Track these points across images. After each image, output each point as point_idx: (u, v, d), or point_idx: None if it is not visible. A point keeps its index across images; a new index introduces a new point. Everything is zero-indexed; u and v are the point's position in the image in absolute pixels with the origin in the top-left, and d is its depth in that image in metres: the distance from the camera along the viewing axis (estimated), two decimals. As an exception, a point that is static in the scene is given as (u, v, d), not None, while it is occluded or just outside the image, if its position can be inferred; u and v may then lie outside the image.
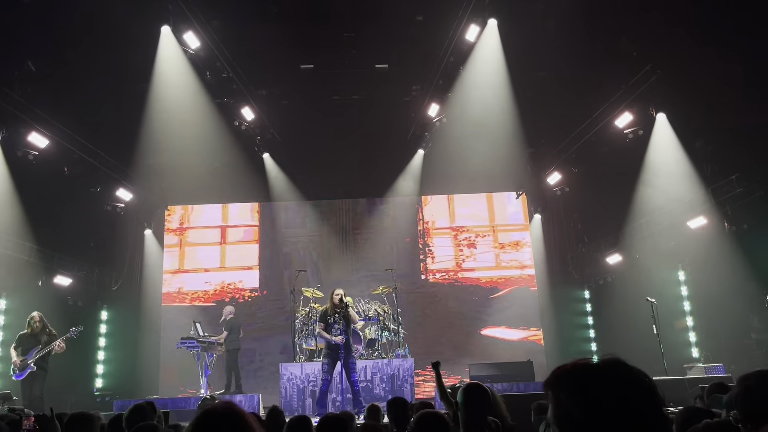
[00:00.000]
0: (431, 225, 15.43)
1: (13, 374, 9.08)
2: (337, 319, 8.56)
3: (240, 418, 1.43)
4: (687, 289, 11.83)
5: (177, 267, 14.98)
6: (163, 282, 14.76)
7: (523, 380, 10.44)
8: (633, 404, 1.24)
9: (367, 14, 11.83)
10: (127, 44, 10.70)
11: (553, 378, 1.31)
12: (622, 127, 11.36)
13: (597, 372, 1.28)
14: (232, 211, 15.42)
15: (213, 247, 15.13)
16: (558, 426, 1.29)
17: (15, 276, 11.03)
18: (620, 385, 1.26)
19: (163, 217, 15.11)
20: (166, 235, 15.12)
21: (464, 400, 3.08)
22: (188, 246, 15.13)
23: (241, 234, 15.29)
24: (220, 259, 15.05)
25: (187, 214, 15.32)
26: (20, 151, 10.47)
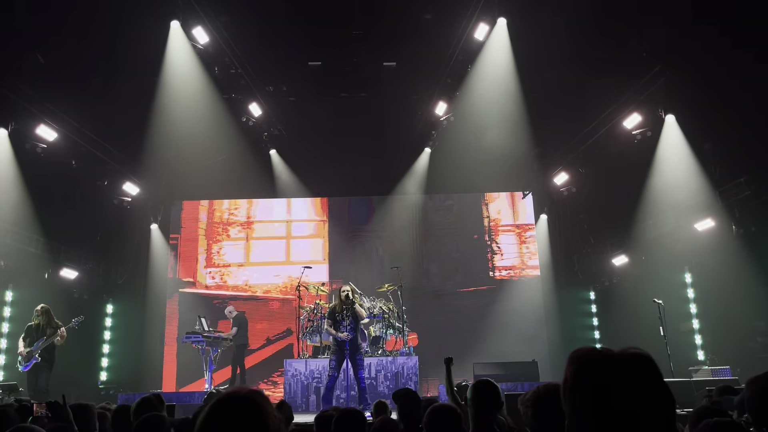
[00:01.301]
0: (497, 222, 15.49)
1: (20, 366, 9.12)
2: (345, 315, 8.57)
3: (260, 407, 1.41)
4: (693, 291, 11.79)
5: (243, 260, 14.99)
6: (229, 275, 14.80)
7: (528, 380, 10.42)
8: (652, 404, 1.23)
9: (376, 12, 11.81)
10: (137, 38, 10.70)
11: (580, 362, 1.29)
12: (631, 128, 11.33)
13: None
14: (297, 205, 15.45)
15: (279, 241, 15.16)
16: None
17: (22, 268, 11.07)
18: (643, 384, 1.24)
19: (170, 212, 15.10)
20: (231, 228, 15.18)
21: (474, 396, 3.08)
22: (254, 240, 15.16)
23: (306, 228, 15.32)
24: (285, 253, 15.04)
25: (251, 207, 15.36)
26: (28, 143, 10.51)
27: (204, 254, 15.06)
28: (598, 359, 1.27)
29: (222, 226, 15.27)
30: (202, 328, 11.01)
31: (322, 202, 15.44)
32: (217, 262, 14.99)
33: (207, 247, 15.14)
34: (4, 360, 10.93)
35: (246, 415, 1.39)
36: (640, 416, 1.20)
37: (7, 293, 11.28)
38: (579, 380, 1.25)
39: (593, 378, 1.24)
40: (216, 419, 1.39)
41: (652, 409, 1.21)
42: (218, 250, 15.10)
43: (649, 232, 12.07)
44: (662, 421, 1.21)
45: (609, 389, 1.22)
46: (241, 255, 15.06)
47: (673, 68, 10.45)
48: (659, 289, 10.86)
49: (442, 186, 15.04)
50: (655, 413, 1.21)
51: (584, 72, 11.72)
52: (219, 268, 14.92)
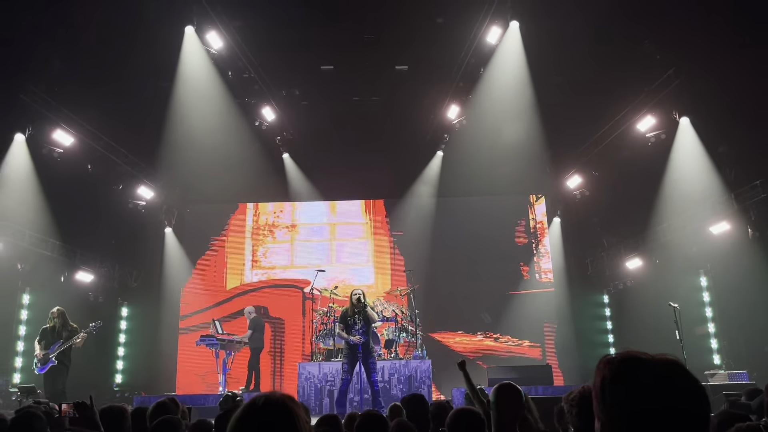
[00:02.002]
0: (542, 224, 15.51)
1: (36, 368, 9.20)
2: (357, 319, 8.57)
3: (292, 412, 1.43)
4: (709, 295, 11.69)
5: (288, 263, 15.08)
6: (275, 277, 14.88)
7: (542, 384, 10.38)
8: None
9: (388, 16, 11.84)
10: (152, 44, 10.81)
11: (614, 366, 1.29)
12: (645, 130, 11.28)
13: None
14: (341, 207, 15.51)
15: (323, 243, 15.25)
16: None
17: (39, 271, 11.20)
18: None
19: (184, 215, 15.18)
20: (278, 230, 15.29)
21: (497, 399, 3.07)
22: (299, 242, 15.26)
23: (351, 230, 15.38)
24: (330, 255, 15.13)
25: (296, 209, 15.47)
26: (45, 148, 10.64)
27: (250, 256, 15.14)
28: (632, 362, 1.27)
29: (267, 229, 15.34)
30: (216, 331, 11.06)
31: (367, 204, 15.47)
32: (263, 265, 15.05)
33: (252, 249, 15.22)
34: (21, 362, 11.05)
35: (279, 420, 1.41)
36: (675, 420, 1.20)
37: (24, 296, 11.42)
38: (613, 383, 1.25)
39: (629, 381, 1.24)
40: (249, 423, 1.41)
41: (687, 414, 1.21)
42: (264, 252, 15.17)
43: (664, 235, 11.99)
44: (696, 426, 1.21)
45: (644, 393, 1.22)
46: (287, 257, 15.13)
47: (687, 70, 10.39)
48: (674, 293, 10.76)
49: (455, 189, 15.02)
50: (690, 418, 1.21)
51: (597, 74, 11.68)
52: (265, 270, 14.96)
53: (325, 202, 15.32)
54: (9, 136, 10.50)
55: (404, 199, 15.33)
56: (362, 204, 15.49)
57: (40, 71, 10.78)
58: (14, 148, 10.55)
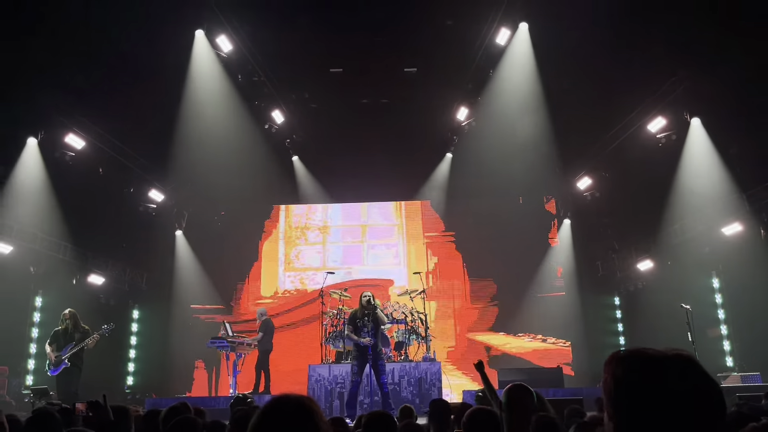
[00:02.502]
0: None
1: (49, 370, 9.27)
2: (366, 321, 8.57)
3: (313, 412, 1.44)
4: (721, 296, 11.60)
5: (320, 264, 15.13)
6: (307, 279, 14.88)
7: (553, 386, 10.33)
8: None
9: (397, 19, 11.86)
10: (163, 48, 10.89)
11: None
12: (655, 131, 11.22)
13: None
14: (372, 209, 15.57)
15: (354, 245, 15.32)
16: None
17: (51, 274, 11.29)
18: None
19: (194, 218, 15.23)
20: (310, 232, 15.36)
21: (508, 400, 3.07)
22: (330, 244, 15.34)
23: (382, 232, 15.43)
24: (361, 257, 15.18)
25: (327, 211, 15.54)
26: (57, 152, 10.74)
27: (282, 258, 15.20)
28: (644, 360, 1.25)
29: (299, 231, 15.41)
30: (227, 333, 11.09)
31: (398, 206, 15.50)
32: (295, 266, 15.09)
33: (285, 251, 15.28)
34: (34, 364, 11.14)
35: (300, 419, 1.42)
36: (690, 419, 1.17)
37: (36, 299, 11.51)
38: (625, 382, 1.23)
39: (642, 379, 1.22)
40: (271, 422, 1.42)
41: (703, 412, 1.19)
42: (296, 254, 15.23)
43: (675, 236, 11.91)
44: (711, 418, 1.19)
45: (654, 386, 1.20)
46: (319, 259, 15.19)
47: (697, 71, 10.33)
48: (686, 295, 10.68)
49: (464, 191, 15.01)
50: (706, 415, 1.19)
51: (607, 75, 11.63)
52: (298, 272, 15.01)
53: (357, 203, 15.37)
54: (22, 140, 10.61)
55: (413, 200, 15.34)
56: (394, 205, 15.50)
57: (52, 76, 10.88)
58: (27, 152, 10.66)
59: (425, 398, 9.90)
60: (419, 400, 9.94)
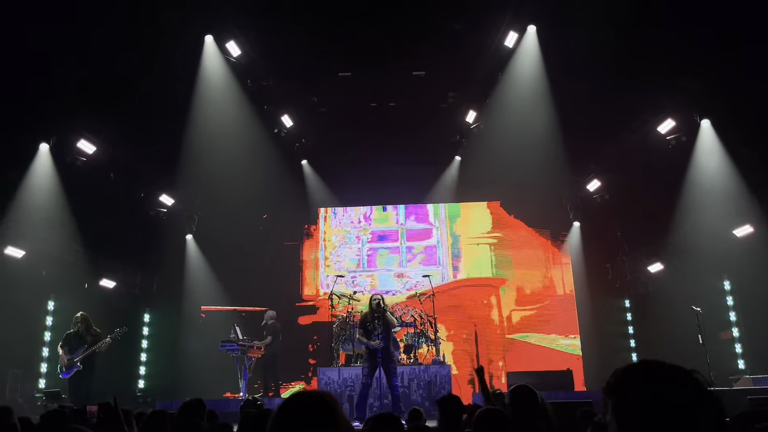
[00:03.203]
0: None
1: (60, 372, 9.35)
2: (377, 324, 8.59)
3: (333, 407, 1.47)
4: (733, 299, 11.52)
5: (360, 267, 15.22)
6: (347, 281, 14.93)
7: (563, 389, 10.29)
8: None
9: (405, 22, 11.88)
10: (173, 53, 10.96)
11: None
12: (665, 133, 11.17)
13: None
14: (411, 211, 15.60)
15: (393, 246, 15.36)
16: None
17: (63, 278, 11.39)
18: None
19: (204, 222, 15.28)
20: (348, 234, 15.42)
21: (512, 401, 3.08)
22: (369, 246, 15.39)
23: (420, 234, 15.45)
24: (401, 258, 15.23)
25: (364, 214, 15.61)
26: (69, 157, 10.85)
27: (323, 261, 15.31)
28: (637, 371, 1.29)
29: (340, 233, 15.47)
30: (237, 336, 11.15)
31: (436, 209, 15.52)
32: (335, 269, 15.16)
33: (325, 254, 15.37)
34: (46, 368, 11.23)
35: (321, 413, 1.45)
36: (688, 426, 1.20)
37: (49, 302, 11.61)
38: (626, 396, 1.27)
39: (638, 392, 1.25)
40: (292, 416, 1.44)
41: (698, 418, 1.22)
42: (336, 257, 15.30)
43: (686, 238, 11.85)
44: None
45: (655, 400, 1.23)
46: (358, 261, 15.25)
47: (708, 72, 10.27)
48: (697, 297, 10.62)
49: (473, 194, 15.01)
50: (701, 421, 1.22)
51: (616, 77, 11.59)
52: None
53: (394, 206, 15.43)
54: (34, 145, 10.72)
55: (421, 204, 15.35)
56: (432, 207, 15.53)
57: (63, 81, 10.99)
58: (39, 157, 10.77)
59: (435, 401, 9.90)
60: (429, 403, 9.94)
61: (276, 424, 1.45)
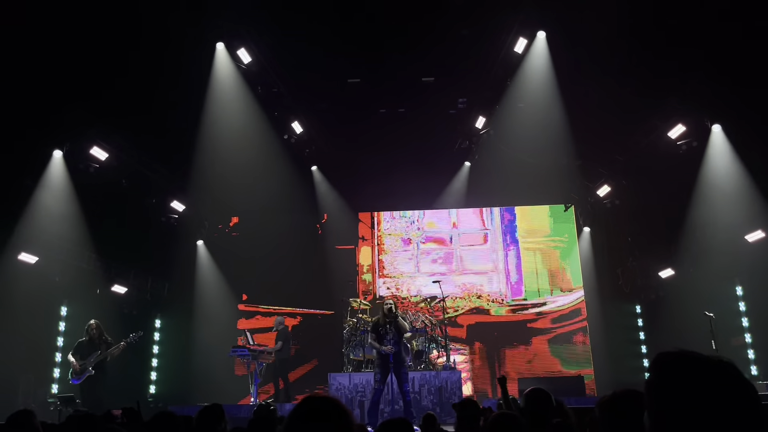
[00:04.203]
0: None
1: (71, 378, 9.41)
2: (389, 329, 8.60)
3: (344, 410, 1.50)
4: (745, 304, 11.46)
5: (414, 270, 15.22)
6: (402, 285, 14.96)
7: (574, 395, 10.27)
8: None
9: (414, 28, 11.94)
10: (185, 60, 11.07)
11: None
12: (675, 138, 11.15)
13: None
14: (462, 215, 15.60)
15: (446, 250, 15.37)
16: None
17: (76, 284, 11.48)
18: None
19: (216, 227, 15.34)
20: (402, 239, 15.45)
21: (526, 404, 3.10)
22: (422, 250, 15.41)
23: (472, 238, 15.47)
24: (454, 262, 15.26)
25: (417, 218, 15.63)
26: (82, 164, 10.94)
27: (377, 265, 15.35)
28: (686, 359, 1.28)
29: (394, 237, 15.53)
30: (248, 341, 11.18)
31: (483, 212, 15.54)
32: (389, 273, 15.20)
33: (379, 258, 15.42)
34: (59, 373, 11.30)
35: (333, 415, 1.48)
36: (726, 419, 1.20)
37: (62, 308, 11.70)
38: (666, 379, 1.26)
39: (681, 377, 1.25)
40: (305, 419, 1.47)
41: (738, 414, 1.21)
42: (390, 260, 15.34)
43: (697, 244, 11.78)
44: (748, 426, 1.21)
45: (697, 389, 1.23)
46: (412, 265, 15.27)
47: (718, 77, 10.25)
48: (709, 303, 10.57)
49: (483, 200, 15.01)
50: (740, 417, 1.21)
51: (626, 82, 11.60)
52: (393, 278, 15.12)
53: (446, 210, 15.44)
54: (48, 152, 10.84)
55: (431, 210, 15.36)
56: (483, 211, 15.55)
57: (76, 88, 11.10)
58: (52, 164, 10.88)
59: (446, 407, 9.89)
60: (440, 408, 9.94)
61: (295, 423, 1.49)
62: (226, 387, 13.81)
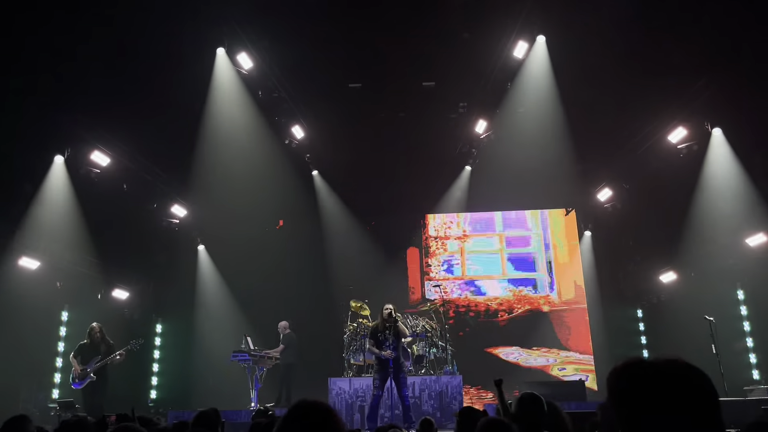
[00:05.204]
0: None
1: (72, 383, 9.41)
2: (388, 335, 8.60)
3: (334, 415, 1.52)
4: (746, 308, 11.42)
5: (460, 274, 15.26)
6: (449, 288, 14.95)
7: (575, 400, 10.23)
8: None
9: (415, 33, 11.96)
10: (185, 65, 11.10)
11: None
12: (676, 142, 11.13)
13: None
14: (508, 217, 15.63)
15: (493, 254, 15.41)
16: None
17: (77, 289, 11.50)
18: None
19: (217, 233, 15.32)
20: (449, 242, 15.47)
21: (518, 408, 3.09)
22: (469, 253, 15.44)
23: (520, 240, 15.51)
24: (501, 266, 15.29)
25: (463, 220, 15.65)
26: (83, 169, 10.97)
27: (425, 268, 15.38)
28: (631, 365, 1.31)
29: (439, 240, 15.53)
30: (248, 346, 11.18)
31: (534, 215, 15.55)
32: (435, 276, 15.19)
33: (427, 261, 15.44)
34: (60, 378, 11.31)
35: (324, 420, 1.50)
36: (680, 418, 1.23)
37: (63, 313, 11.71)
38: (618, 386, 1.31)
39: (628, 383, 1.29)
40: (295, 423, 1.49)
41: (691, 409, 1.23)
42: (437, 263, 15.35)
43: (698, 248, 11.76)
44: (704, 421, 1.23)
45: (645, 392, 1.25)
46: (458, 269, 15.29)
47: (718, 80, 10.25)
48: (710, 307, 10.53)
49: (484, 204, 15.00)
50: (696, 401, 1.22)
51: (627, 86, 11.59)
52: (439, 281, 15.02)
53: (492, 212, 15.48)
54: (49, 158, 10.87)
55: (432, 214, 15.36)
56: (530, 213, 15.55)
57: (77, 93, 11.14)
58: (54, 169, 10.91)
59: (446, 412, 9.88)
60: (440, 413, 9.92)
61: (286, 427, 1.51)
62: (226, 392, 13.79)
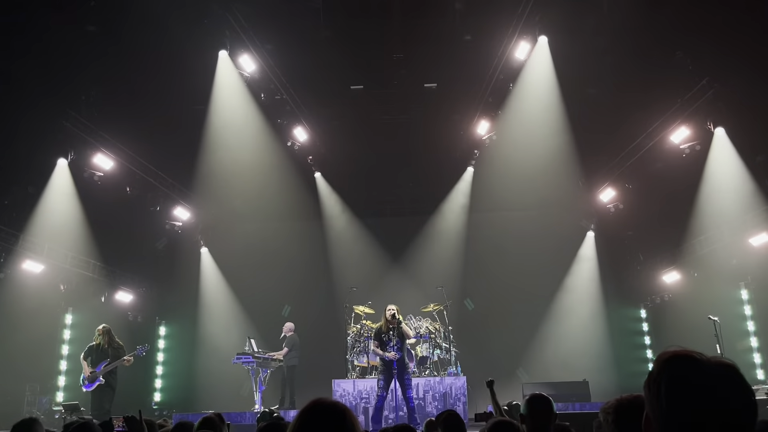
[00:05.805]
0: None
1: (83, 384, 9.41)
2: (392, 336, 8.60)
3: (349, 415, 1.54)
4: (750, 308, 11.40)
5: None
6: None
7: (579, 400, 10.24)
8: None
9: (416, 35, 11.98)
10: (188, 68, 11.14)
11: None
12: (678, 142, 11.12)
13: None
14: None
15: None
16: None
17: (81, 292, 11.52)
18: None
19: (220, 235, 15.33)
20: None
21: (528, 410, 3.09)
22: None
23: None
24: None
25: None
26: (86, 172, 11.00)
27: None
28: (687, 357, 1.30)
29: None
30: (252, 349, 11.18)
31: None
32: None
33: None
34: (65, 381, 11.33)
35: (339, 419, 1.52)
36: (719, 418, 1.22)
37: (66, 316, 11.74)
38: (665, 373, 1.28)
39: (680, 373, 1.26)
40: (310, 422, 1.50)
41: (731, 414, 1.22)
42: None
43: (702, 247, 11.75)
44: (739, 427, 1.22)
45: (693, 386, 1.24)
46: None
47: (721, 80, 10.25)
48: (714, 306, 10.51)
49: (486, 204, 14.98)
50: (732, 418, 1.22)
51: (629, 86, 11.60)
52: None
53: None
54: (52, 161, 10.90)
55: (434, 215, 15.33)
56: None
57: (81, 97, 11.19)
58: (57, 172, 10.94)
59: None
60: (445, 414, 9.89)
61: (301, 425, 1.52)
62: (230, 394, 13.81)
